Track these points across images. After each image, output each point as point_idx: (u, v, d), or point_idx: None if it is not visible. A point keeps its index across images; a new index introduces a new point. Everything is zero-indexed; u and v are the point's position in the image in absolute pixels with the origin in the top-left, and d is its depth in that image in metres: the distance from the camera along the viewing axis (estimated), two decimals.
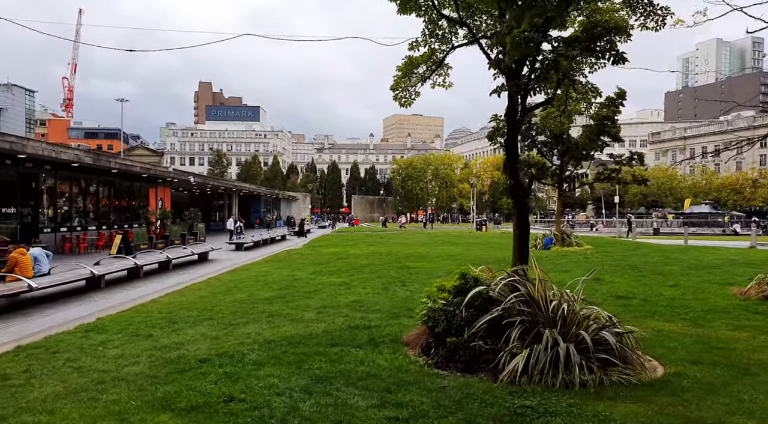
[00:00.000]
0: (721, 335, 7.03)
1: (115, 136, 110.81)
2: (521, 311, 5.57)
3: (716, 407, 4.41)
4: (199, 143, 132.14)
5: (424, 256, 19.89)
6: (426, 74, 6.98)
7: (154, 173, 26.43)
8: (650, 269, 14.73)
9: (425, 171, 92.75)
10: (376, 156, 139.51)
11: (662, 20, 6.94)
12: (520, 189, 6.30)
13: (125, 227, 23.77)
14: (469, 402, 4.37)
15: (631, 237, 31.63)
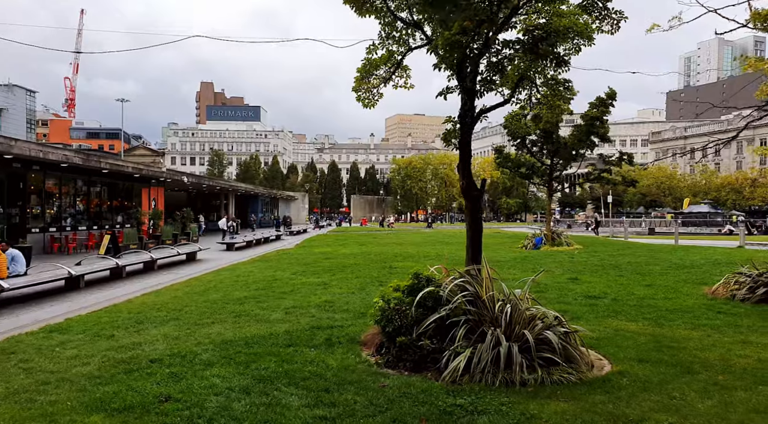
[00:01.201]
0: (677, 334, 7.10)
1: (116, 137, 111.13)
2: (467, 310, 5.66)
3: (644, 405, 4.49)
4: (199, 143, 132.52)
5: (412, 256, 19.97)
6: (386, 76, 7.05)
7: (147, 173, 26.57)
8: (632, 269, 14.78)
9: (424, 171, 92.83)
10: (377, 156, 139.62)
11: (617, 24, 7.03)
12: (474, 190, 6.37)
13: (117, 227, 23.92)
14: (402, 401, 4.45)
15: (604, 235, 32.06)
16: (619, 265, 15.87)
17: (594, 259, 17.97)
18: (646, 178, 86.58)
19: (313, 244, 28.24)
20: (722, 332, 7.19)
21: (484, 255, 21.38)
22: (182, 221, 28.51)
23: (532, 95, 7.94)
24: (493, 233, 39.81)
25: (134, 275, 14.26)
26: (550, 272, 14.25)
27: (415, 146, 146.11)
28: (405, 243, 28.28)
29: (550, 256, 19.62)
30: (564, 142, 23.24)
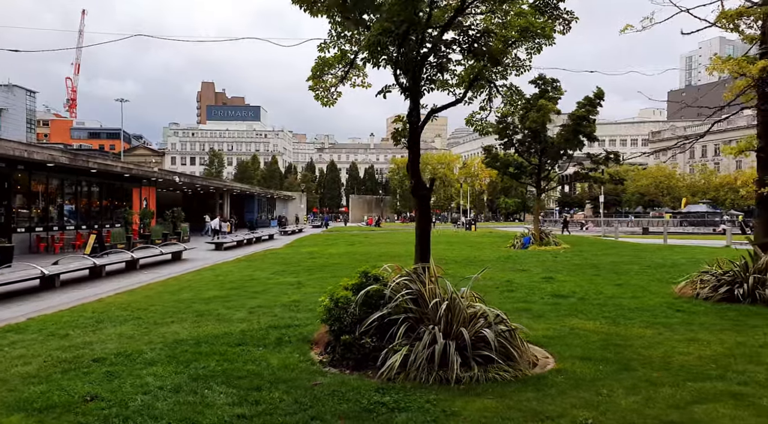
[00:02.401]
0: (630, 333, 7.14)
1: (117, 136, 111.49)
2: (407, 308, 5.70)
3: (569, 402, 4.53)
4: (199, 143, 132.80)
5: (396, 255, 19.97)
6: (341, 75, 7.09)
7: (137, 173, 26.68)
8: (610, 268, 14.80)
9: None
10: (377, 156, 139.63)
11: (568, 24, 7.07)
12: (422, 189, 6.41)
13: (106, 227, 24.03)
14: (328, 399, 4.50)
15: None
16: (598, 264, 15.89)
17: (577, 258, 18.01)
18: (645, 177, 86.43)
19: (303, 243, 28.32)
20: (674, 330, 7.23)
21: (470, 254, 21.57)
22: (173, 220, 28.60)
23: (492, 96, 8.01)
24: (485, 232, 39.89)
25: (114, 275, 14.35)
26: (527, 271, 14.31)
27: None
28: (395, 242, 28.33)
29: (534, 255, 19.65)
30: (551, 141, 23.28)
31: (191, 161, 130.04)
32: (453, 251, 21.97)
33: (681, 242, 27.54)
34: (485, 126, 8.44)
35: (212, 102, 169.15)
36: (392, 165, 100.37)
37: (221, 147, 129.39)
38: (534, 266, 15.73)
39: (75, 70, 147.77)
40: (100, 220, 24.28)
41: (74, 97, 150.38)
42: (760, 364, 5.59)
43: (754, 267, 9.13)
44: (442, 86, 7.17)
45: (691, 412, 4.31)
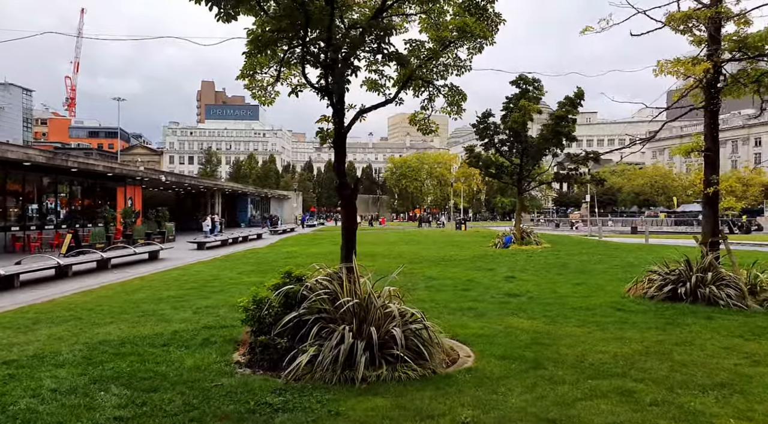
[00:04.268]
0: (562, 331, 7.18)
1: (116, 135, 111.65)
2: (321, 309, 5.76)
3: (461, 400, 4.58)
4: (198, 142, 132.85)
5: (373, 255, 20.02)
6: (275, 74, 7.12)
7: (120, 172, 26.76)
8: (577, 268, 14.84)
9: (420, 170, 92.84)
10: (375, 155, 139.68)
11: (496, 26, 7.11)
12: (346, 189, 6.46)
13: (88, 226, 24.12)
14: (219, 400, 4.54)
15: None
16: (568, 264, 15.93)
17: (551, 258, 18.04)
18: (641, 177, 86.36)
19: (287, 243, 28.38)
20: (605, 328, 7.27)
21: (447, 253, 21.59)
22: (157, 220, 28.68)
23: (433, 96, 8.06)
24: (472, 232, 39.94)
25: (83, 274, 14.42)
26: (493, 271, 14.36)
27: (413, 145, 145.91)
28: (379, 242, 28.39)
29: (511, 255, 19.69)
30: (532, 141, 23.31)
31: (189, 160, 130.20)
32: (432, 250, 22.03)
33: (663, 241, 27.50)
34: (428, 125, 8.47)
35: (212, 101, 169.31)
36: (389, 164, 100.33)
37: (219, 146, 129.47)
38: (503, 265, 15.77)
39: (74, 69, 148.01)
40: (82, 219, 24.35)
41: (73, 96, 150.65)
42: (666, 361, 5.64)
43: (697, 266, 9.17)
44: (373, 87, 7.23)
45: (573, 408, 4.36)
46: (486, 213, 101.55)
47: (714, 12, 9.30)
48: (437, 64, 7.88)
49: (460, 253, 20.70)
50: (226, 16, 3.86)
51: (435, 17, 7.39)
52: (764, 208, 73.19)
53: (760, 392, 4.65)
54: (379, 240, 30.79)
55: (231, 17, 3.89)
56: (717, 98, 9.58)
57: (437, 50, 7.45)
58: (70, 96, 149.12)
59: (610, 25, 10.65)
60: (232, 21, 3.94)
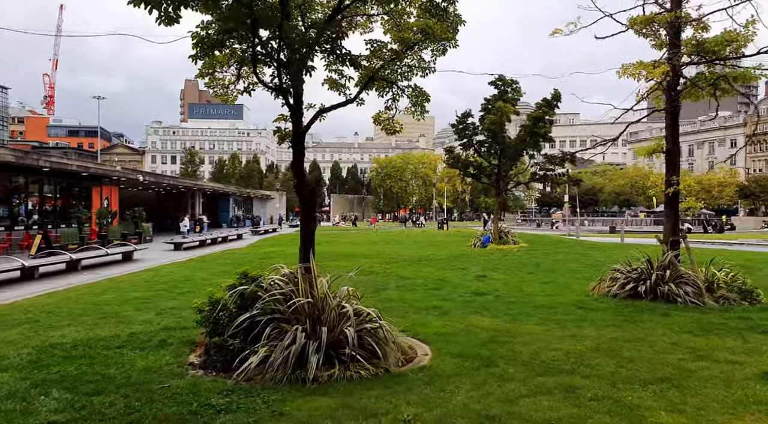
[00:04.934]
0: (521, 330, 7.27)
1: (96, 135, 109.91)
2: (274, 309, 5.77)
3: (407, 398, 4.61)
4: (181, 142, 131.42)
5: (351, 255, 20.07)
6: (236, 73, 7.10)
7: (96, 172, 26.39)
8: (548, 267, 15.02)
9: (404, 170, 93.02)
10: (361, 155, 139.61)
11: (455, 27, 7.19)
12: (306, 188, 6.48)
13: (62, 227, 23.73)
14: (162, 402, 4.52)
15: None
16: (541, 263, 16.11)
17: (525, 257, 18.23)
18: (622, 177, 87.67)
19: (267, 243, 28.24)
20: (564, 326, 7.39)
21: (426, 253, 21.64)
22: (134, 220, 28.34)
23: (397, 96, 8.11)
24: (453, 232, 40.18)
25: (51, 276, 14.19)
26: (466, 270, 14.47)
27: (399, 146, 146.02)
28: (360, 243, 28.39)
29: (487, 254, 19.85)
30: (510, 142, 23.53)
31: (172, 160, 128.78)
32: (412, 250, 22.09)
33: (639, 240, 27.92)
34: (393, 126, 8.52)
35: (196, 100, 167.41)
36: (374, 164, 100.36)
37: (203, 146, 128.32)
38: (477, 264, 15.90)
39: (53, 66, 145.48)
40: (55, 220, 23.96)
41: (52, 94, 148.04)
42: (615, 357, 5.76)
43: (657, 264, 9.36)
44: (334, 87, 7.25)
45: (516, 405, 4.44)
46: (470, 213, 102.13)
47: (674, 17, 9.51)
48: (401, 65, 7.96)
49: (438, 252, 20.81)
50: (168, 19, 3.83)
51: (397, 18, 7.46)
52: (738, 208, 74.89)
53: (695, 385, 4.78)
54: (361, 240, 30.81)
55: (173, 20, 3.86)
56: (677, 101, 9.79)
57: (399, 52, 7.52)
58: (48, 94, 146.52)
59: (578, 27, 10.84)
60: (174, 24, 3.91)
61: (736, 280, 9.44)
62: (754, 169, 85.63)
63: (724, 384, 4.82)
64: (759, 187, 70.82)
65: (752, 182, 73.47)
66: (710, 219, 45.47)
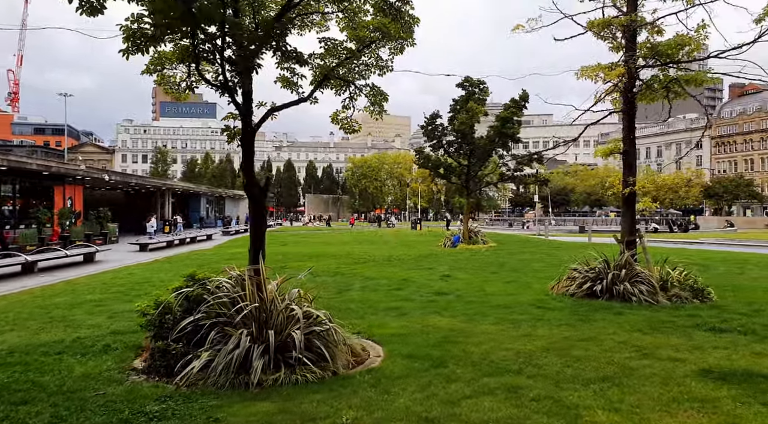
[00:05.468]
0: (477, 329, 7.29)
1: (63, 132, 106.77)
2: (219, 312, 5.64)
3: (350, 402, 4.54)
4: (152, 140, 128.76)
5: (319, 255, 19.92)
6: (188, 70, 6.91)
7: (58, 171, 25.59)
8: (513, 267, 15.17)
9: (380, 170, 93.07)
10: (336, 155, 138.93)
11: (409, 28, 7.17)
12: (255, 188, 6.35)
13: (21, 228, 22.92)
14: (93, 410, 4.34)
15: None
16: (506, 263, 16.27)
17: (492, 257, 18.40)
18: (593, 177, 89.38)
19: (236, 244, 27.81)
20: (518, 326, 7.43)
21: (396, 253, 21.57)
22: (98, 220, 27.59)
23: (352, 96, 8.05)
24: (426, 231, 40.36)
25: (4, 279, 13.67)
26: (432, 270, 14.51)
27: (375, 145, 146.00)
28: (331, 243, 28.25)
29: (455, 254, 19.97)
30: (479, 142, 23.71)
31: (143, 159, 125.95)
32: (383, 250, 22.04)
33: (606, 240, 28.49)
34: (351, 125, 8.45)
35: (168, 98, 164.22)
36: (349, 164, 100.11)
37: (175, 144, 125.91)
38: (443, 264, 15.96)
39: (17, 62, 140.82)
40: (12, 220, 23.13)
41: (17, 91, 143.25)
42: (564, 357, 5.81)
43: (614, 264, 9.53)
44: (287, 85, 7.14)
45: (458, 406, 4.42)
46: (446, 213, 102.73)
47: (629, 20, 9.69)
48: (359, 64, 7.90)
49: (408, 252, 20.83)
50: (90, 9, 3.66)
51: (351, 16, 7.40)
52: (704, 208, 77.28)
53: (635, 384, 4.84)
54: (334, 240, 30.66)
55: (96, 10, 3.69)
56: (633, 103, 9.98)
57: (354, 50, 7.46)
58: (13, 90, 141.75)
59: (539, 26, 10.95)
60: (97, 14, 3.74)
61: (689, 279, 9.66)
62: (719, 170, 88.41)
63: (662, 382, 4.90)
64: (722, 187, 73.18)
65: (716, 183, 75.82)
66: (676, 219, 46.73)
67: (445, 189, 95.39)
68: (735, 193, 71.25)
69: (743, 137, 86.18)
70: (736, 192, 71.06)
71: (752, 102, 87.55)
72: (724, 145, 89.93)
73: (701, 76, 9.25)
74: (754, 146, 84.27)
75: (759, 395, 4.49)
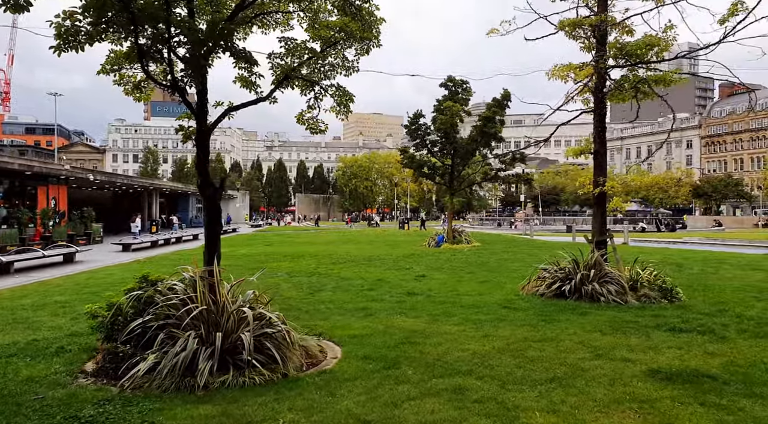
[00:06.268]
0: (439, 329, 7.27)
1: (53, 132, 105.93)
2: (168, 314, 5.59)
3: (293, 404, 4.51)
4: (143, 140, 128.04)
5: (299, 255, 19.82)
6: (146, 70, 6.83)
7: (41, 171, 25.37)
8: (492, 266, 15.19)
9: (370, 170, 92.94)
10: (328, 154, 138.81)
11: (370, 27, 7.13)
12: (209, 187, 6.29)
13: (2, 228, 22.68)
14: (29, 415, 4.27)
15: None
16: (486, 262, 16.28)
17: (473, 257, 18.40)
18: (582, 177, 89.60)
19: None
20: (480, 326, 7.41)
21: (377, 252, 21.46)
22: (82, 220, 27.36)
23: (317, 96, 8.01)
24: (412, 231, 40.38)
25: None
26: (410, 270, 14.48)
27: (366, 145, 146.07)
28: (316, 243, 28.16)
29: (437, 254, 19.95)
30: (462, 142, 23.72)
31: (134, 159, 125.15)
32: (367, 250, 21.99)
33: None
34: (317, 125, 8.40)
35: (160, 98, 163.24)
36: (340, 164, 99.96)
37: (166, 144, 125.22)
38: (422, 264, 15.94)
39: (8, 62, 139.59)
40: None
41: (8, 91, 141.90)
42: (518, 358, 5.79)
43: (584, 264, 9.53)
44: (245, 84, 7.09)
45: (398, 409, 4.39)
46: (437, 212, 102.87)
47: (599, 20, 9.70)
48: (324, 64, 7.86)
49: (390, 252, 20.80)
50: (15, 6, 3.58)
51: (313, 16, 7.36)
52: (694, 207, 77.76)
53: (582, 385, 4.83)
54: (318, 240, 30.57)
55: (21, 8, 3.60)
56: (603, 103, 9.99)
57: (317, 50, 7.43)
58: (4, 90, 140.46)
59: (513, 28, 10.94)
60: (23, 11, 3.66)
61: (658, 279, 9.69)
62: (709, 169, 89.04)
63: (609, 383, 4.89)
64: (711, 187, 73.64)
65: (704, 182, 76.31)
66: (663, 219, 46.99)
67: (437, 189, 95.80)
68: (723, 192, 71.73)
69: (733, 137, 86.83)
70: (725, 192, 71.54)
71: (742, 101, 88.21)
72: (714, 145, 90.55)
73: (668, 76, 9.27)
74: (744, 146, 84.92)
75: (700, 395, 4.50)
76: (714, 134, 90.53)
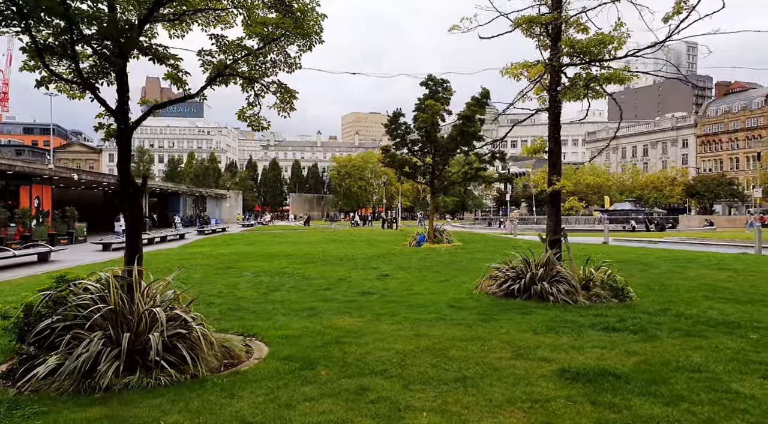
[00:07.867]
0: (374, 329, 7.18)
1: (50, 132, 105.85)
2: (77, 314, 5.51)
3: (183, 406, 4.43)
4: (139, 140, 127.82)
5: (274, 255, 19.71)
6: None
7: (23, 170, 25.30)
8: (460, 265, 15.14)
9: (364, 169, 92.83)
10: (324, 154, 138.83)
11: (300, 23, 7.06)
12: (130, 187, 6.22)
13: None
14: None
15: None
16: (457, 261, 16.22)
17: (446, 256, 18.33)
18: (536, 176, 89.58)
19: (203, 244, 27.63)
20: (417, 325, 7.33)
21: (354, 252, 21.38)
22: (64, 220, 27.29)
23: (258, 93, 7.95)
24: (398, 231, 40.32)
25: None
26: (377, 269, 14.41)
27: (362, 144, 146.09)
28: (302, 242, 28.07)
29: (414, 253, 19.88)
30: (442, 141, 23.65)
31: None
32: (342, 249, 21.91)
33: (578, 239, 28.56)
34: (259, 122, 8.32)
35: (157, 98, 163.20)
36: (334, 163, 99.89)
37: (162, 144, 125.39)
38: (393, 263, 15.87)
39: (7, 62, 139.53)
40: None
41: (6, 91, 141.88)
42: (437, 357, 5.71)
43: (535, 263, 9.46)
44: (175, 81, 7.02)
45: (292, 410, 4.31)
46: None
47: (553, 18, 9.62)
48: (265, 61, 7.79)
49: (367, 251, 20.72)
50: None
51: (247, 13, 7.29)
52: (689, 207, 77.68)
53: (485, 385, 4.75)
54: (303, 240, 30.47)
55: None
56: (558, 101, 9.92)
57: (251, 48, 7.36)
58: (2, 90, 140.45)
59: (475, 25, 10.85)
60: None
61: (611, 278, 9.61)
62: (705, 168, 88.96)
63: (514, 382, 4.81)
64: (704, 186, 73.56)
65: (698, 182, 76.22)
66: (653, 218, 46.90)
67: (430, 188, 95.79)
68: (716, 191, 71.64)
69: (728, 136, 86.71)
70: (718, 191, 71.45)
71: (737, 100, 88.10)
72: (709, 144, 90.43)
73: (619, 73, 9.19)
74: (740, 145, 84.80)
75: (595, 394, 4.42)
76: (710, 133, 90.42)
